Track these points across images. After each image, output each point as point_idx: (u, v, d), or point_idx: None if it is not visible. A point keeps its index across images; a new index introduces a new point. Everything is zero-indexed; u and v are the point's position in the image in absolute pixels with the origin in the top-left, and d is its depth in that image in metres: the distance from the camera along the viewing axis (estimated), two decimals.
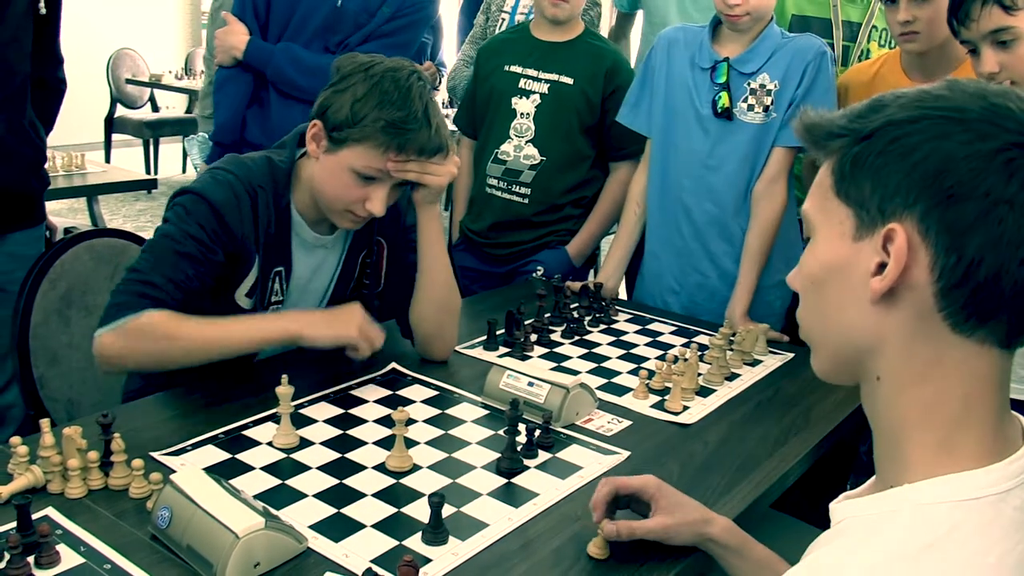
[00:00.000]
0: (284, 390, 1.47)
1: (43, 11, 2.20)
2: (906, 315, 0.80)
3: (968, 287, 0.78)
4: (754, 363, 1.97)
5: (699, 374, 1.83)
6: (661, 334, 2.14)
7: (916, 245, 0.79)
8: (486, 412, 1.65)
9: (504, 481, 1.41)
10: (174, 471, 1.34)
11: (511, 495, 1.37)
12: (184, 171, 7.95)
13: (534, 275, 2.51)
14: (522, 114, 2.59)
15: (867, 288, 0.81)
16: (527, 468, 1.45)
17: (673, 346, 2.05)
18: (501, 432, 1.53)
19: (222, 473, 1.34)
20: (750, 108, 2.17)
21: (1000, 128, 0.78)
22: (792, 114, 2.12)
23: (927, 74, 2.09)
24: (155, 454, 1.42)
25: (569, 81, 2.55)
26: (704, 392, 1.80)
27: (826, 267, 0.86)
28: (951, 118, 0.79)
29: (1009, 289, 0.77)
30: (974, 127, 0.78)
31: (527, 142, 2.58)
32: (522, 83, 2.60)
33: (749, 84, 2.18)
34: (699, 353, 1.87)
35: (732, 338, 1.99)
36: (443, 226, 1.92)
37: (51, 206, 2.69)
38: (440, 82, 4.50)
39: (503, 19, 3.27)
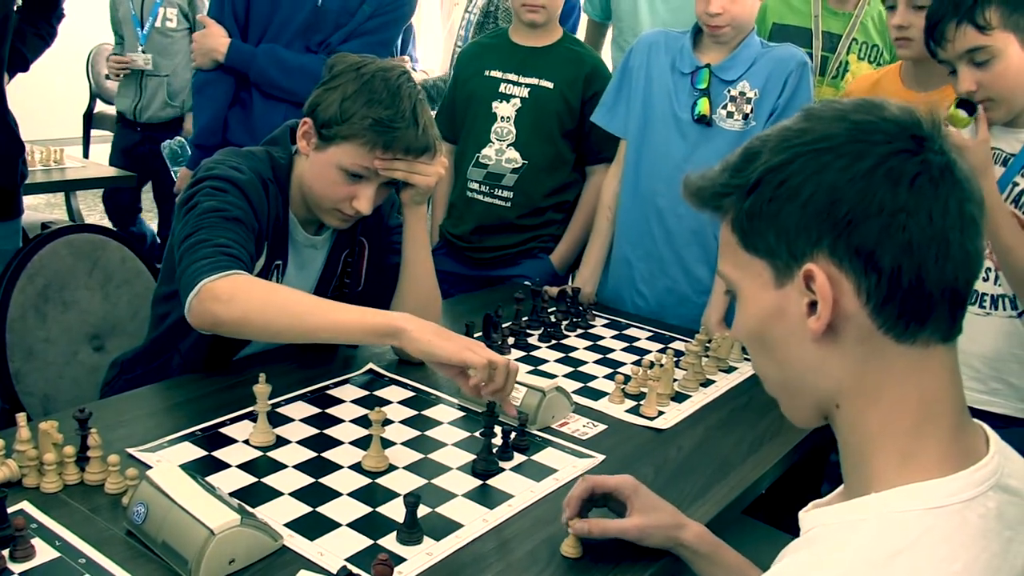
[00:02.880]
0: (261, 388, 1.48)
1: None
2: (850, 343, 0.82)
3: (897, 298, 0.80)
4: (729, 370, 1.99)
5: (675, 380, 1.85)
6: (637, 339, 2.15)
7: (836, 277, 0.81)
8: (462, 414, 1.66)
9: (479, 483, 1.42)
10: (150, 467, 1.34)
11: (486, 496, 1.38)
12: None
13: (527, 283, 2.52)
14: (503, 118, 2.60)
15: (806, 329, 0.83)
16: (502, 470, 1.46)
17: (649, 351, 2.06)
18: (477, 434, 1.54)
19: (198, 470, 1.34)
20: (729, 115, 2.19)
21: (869, 144, 0.80)
22: (774, 123, 2.13)
23: (922, 85, 2.12)
24: (131, 450, 1.42)
25: (549, 85, 2.57)
26: (679, 398, 1.81)
27: (760, 319, 0.87)
28: (821, 149, 0.81)
29: (935, 286, 0.79)
30: (845, 151, 0.80)
31: (508, 145, 2.59)
32: (502, 87, 2.61)
33: (729, 91, 2.20)
34: (675, 359, 1.89)
35: (708, 344, 2.01)
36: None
37: (28, 201, 2.68)
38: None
39: (467, 18, 3.30)
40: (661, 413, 1.73)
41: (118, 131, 4.45)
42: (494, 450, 1.48)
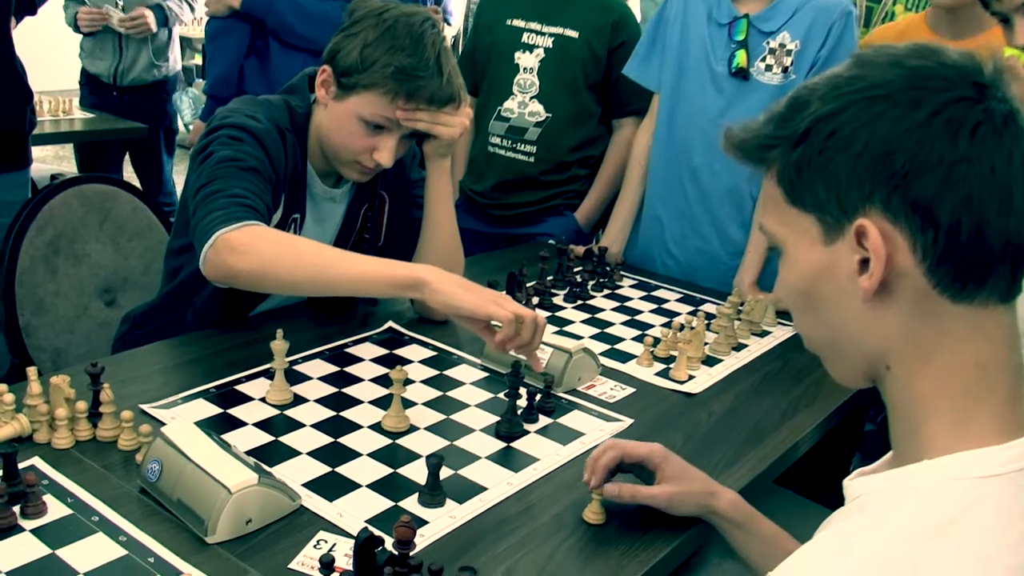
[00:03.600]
0: (279, 345, 1.47)
1: None
2: (903, 303, 0.80)
3: (955, 256, 0.77)
4: (762, 334, 1.97)
5: (705, 343, 1.83)
6: (666, 301, 2.14)
7: (890, 234, 0.78)
8: (486, 375, 1.65)
9: (503, 445, 1.41)
10: (164, 424, 1.34)
11: (510, 459, 1.37)
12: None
13: (551, 242, 2.50)
14: (525, 69, 2.56)
15: (856, 288, 0.81)
16: (527, 433, 1.45)
17: (679, 314, 2.05)
18: (501, 395, 1.53)
19: (213, 428, 1.34)
20: (768, 68, 2.15)
21: (927, 91, 0.78)
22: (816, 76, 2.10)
23: (956, 33, 2.07)
24: (145, 406, 1.42)
25: (574, 34, 2.52)
26: (710, 361, 1.80)
27: (808, 277, 0.86)
28: (874, 97, 0.79)
29: (996, 241, 0.77)
30: (901, 99, 0.78)
31: (531, 98, 2.56)
32: (525, 37, 2.57)
33: (768, 43, 2.16)
34: (706, 322, 1.87)
35: (740, 307, 1.99)
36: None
37: (36, 152, 2.68)
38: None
39: None
40: (691, 377, 1.71)
41: (85, 96, 4.13)
42: (519, 412, 1.47)
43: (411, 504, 1.23)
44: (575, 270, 2.19)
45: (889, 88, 0.79)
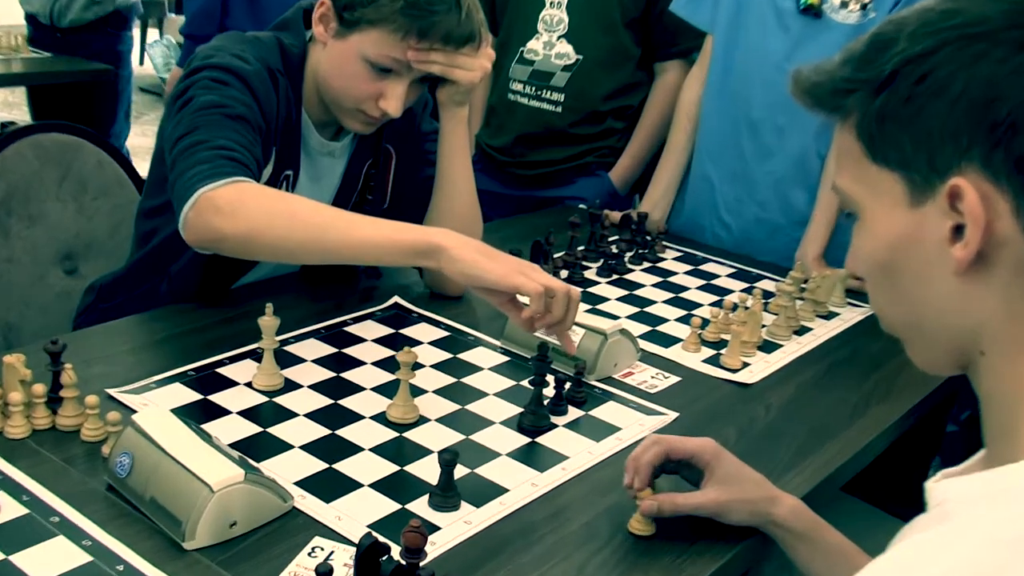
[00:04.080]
0: (268, 322, 1.47)
1: None
2: (1003, 276, 0.79)
3: None
4: (829, 316, 1.97)
5: (763, 325, 1.83)
6: (717, 277, 2.13)
7: (990, 195, 0.78)
8: (507, 359, 1.65)
9: (527, 440, 1.42)
10: (134, 411, 1.34)
11: (535, 457, 1.38)
12: (142, 62, 7.91)
13: (582, 207, 2.49)
14: (552, 3, 2.55)
15: (947, 259, 0.80)
16: (554, 427, 1.46)
17: (731, 291, 2.04)
18: (525, 383, 1.53)
19: (192, 416, 1.34)
20: (843, 5, 2.13)
21: None
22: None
23: None
24: (112, 391, 1.43)
25: None
26: (768, 347, 1.80)
27: (888, 246, 0.85)
28: (974, 35, 0.78)
29: None
30: (1004, 38, 0.77)
31: (559, 37, 2.55)
32: None
33: None
34: (763, 301, 1.87)
35: (804, 285, 1.98)
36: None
37: None
38: None
39: None
40: (746, 365, 1.71)
41: (31, 36, 4.15)
42: (545, 403, 1.47)
43: (421, 507, 1.23)
44: (610, 239, 2.19)
45: (990, 25, 0.78)
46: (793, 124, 2.22)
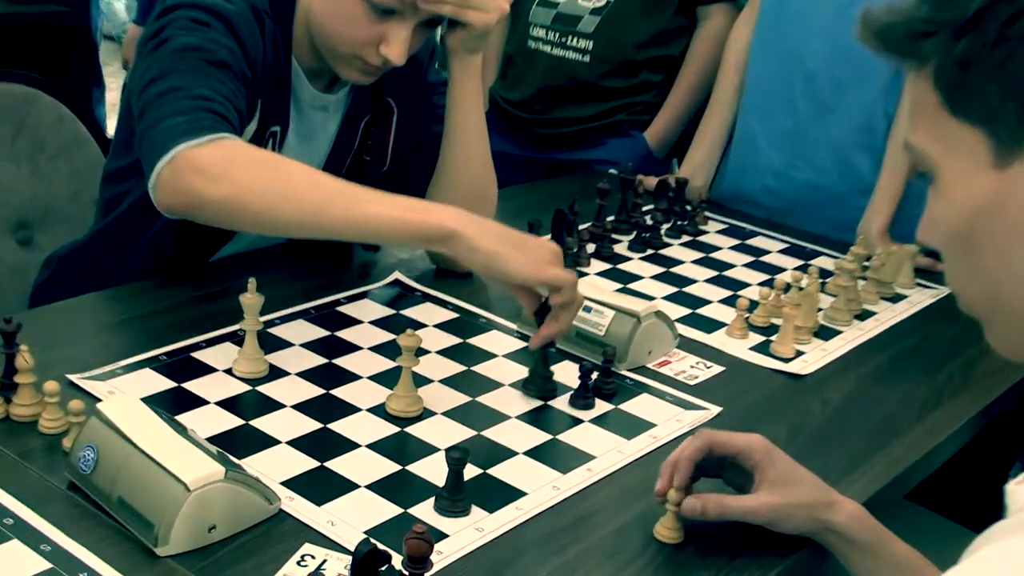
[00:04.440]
0: (251, 299, 1.47)
1: None
2: None
3: None
4: (896, 298, 1.97)
5: (819, 309, 1.83)
6: (767, 252, 2.14)
7: None
8: (524, 344, 1.65)
9: (547, 437, 1.42)
10: (99, 400, 1.35)
11: (557, 456, 1.38)
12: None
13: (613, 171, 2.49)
14: None
15: None
16: (580, 422, 1.46)
17: (783, 269, 2.04)
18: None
19: (164, 406, 1.35)
20: None
21: None
22: None
23: None
24: (74, 377, 1.43)
25: None
26: (825, 333, 1.80)
27: (969, 212, 0.85)
28: None
29: None
30: None
31: None
32: None
33: None
34: (820, 281, 1.86)
35: (866, 262, 1.98)
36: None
37: None
38: None
39: None
40: (800, 353, 1.71)
41: None
42: (552, 367, 1.50)
43: (425, 511, 1.24)
44: (644, 209, 2.19)
45: None
46: (856, 77, 2.21)
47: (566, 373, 1.54)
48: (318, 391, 1.47)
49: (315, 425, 1.39)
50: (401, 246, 1.76)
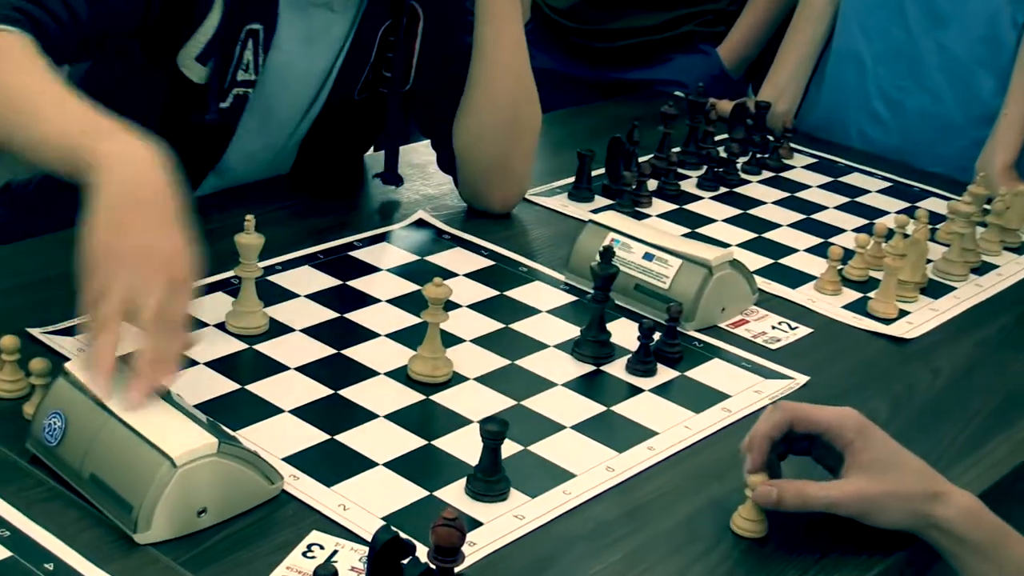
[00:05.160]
0: (249, 240, 1.47)
1: None
2: None
3: None
4: (1022, 248, 1.96)
5: (928, 260, 1.82)
6: (866, 192, 2.13)
7: None
8: (573, 299, 1.66)
9: (601, 408, 1.42)
10: (67, 359, 1.36)
11: (611, 431, 1.39)
12: None
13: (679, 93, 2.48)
14: None
15: None
16: (640, 391, 1.46)
17: (885, 212, 2.04)
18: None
19: None
20: None
21: None
22: None
23: None
24: (35, 331, 1.45)
25: None
26: (936, 290, 1.80)
27: None
28: None
29: None
30: None
31: None
32: None
33: None
34: (930, 227, 1.85)
35: (987, 205, 1.97)
36: None
37: None
38: None
39: None
40: (904, 314, 1.71)
41: None
42: (608, 327, 1.50)
43: (455, 495, 1.24)
44: (717, 139, 2.19)
45: None
46: None
47: (623, 333, 1.55)
48: (328, 351, 1.47)
49: (324, 391, 1.39)
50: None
